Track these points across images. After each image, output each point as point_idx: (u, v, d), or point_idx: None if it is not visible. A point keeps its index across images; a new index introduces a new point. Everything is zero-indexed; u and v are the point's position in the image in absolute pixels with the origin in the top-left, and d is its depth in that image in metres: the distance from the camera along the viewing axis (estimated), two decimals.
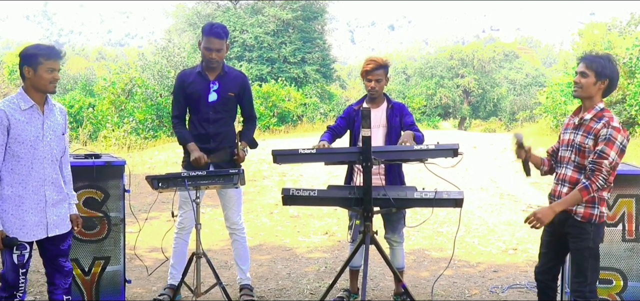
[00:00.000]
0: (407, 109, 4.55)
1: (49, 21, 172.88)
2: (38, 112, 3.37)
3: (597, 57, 3.40)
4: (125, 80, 20.04)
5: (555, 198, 3.48)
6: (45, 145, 3.38)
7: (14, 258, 3.31)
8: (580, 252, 3.39)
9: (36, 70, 3.30)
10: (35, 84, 3.33)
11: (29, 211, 3.34)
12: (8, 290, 3.35)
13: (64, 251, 3.55)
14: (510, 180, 11.15)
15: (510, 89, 44.92)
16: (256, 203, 9.01)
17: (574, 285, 3.42)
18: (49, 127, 3.41)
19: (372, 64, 4.39)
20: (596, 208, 3.37)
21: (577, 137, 3.40)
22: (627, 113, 17.84)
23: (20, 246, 3.31)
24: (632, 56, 17.97)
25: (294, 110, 24.43)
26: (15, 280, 3.33)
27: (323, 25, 33.28)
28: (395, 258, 4.57)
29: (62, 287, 3.56)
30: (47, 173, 3.39)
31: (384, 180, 4.34)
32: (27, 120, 3.32)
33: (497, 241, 6.98)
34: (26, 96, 3.34)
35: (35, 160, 3.33)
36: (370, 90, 4.42)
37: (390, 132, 4.42)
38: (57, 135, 3.45)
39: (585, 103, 3.41)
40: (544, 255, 3.67)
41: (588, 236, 3.36)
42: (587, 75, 3.34)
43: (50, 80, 3.32)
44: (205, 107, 4.45)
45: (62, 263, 3.55)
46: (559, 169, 3.54)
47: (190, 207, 4.36)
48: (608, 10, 62.91)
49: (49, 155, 3.40)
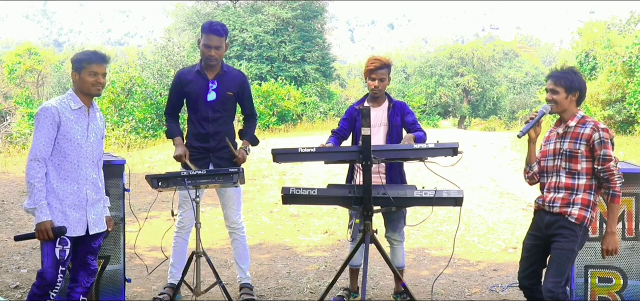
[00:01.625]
0: (408, 108, 4.56)
1: (49, 20, 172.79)
2: (85, 113, 3.55)
3: (563, 72, 3.58)
4: (124, 79, 20.01)
5: (549, 204, 3.54)
6: (89, 146, 3.54)
7: (56, 253, 3.39)
8: (565, 253, 3.44)
9: (80, 73, 3.49)
10: (80, 87, 3.52)
11: (72, 208, 3.46)
12: (44, 288, 3.41)
13: (94, 249, 3.65)
14: (510, 179, 11.15)
15: (510, 88, 44.89)
16: (256, 202, 9.01)
17: (549, 284, 3.44)
18: (93, 129, 3.58)
19: (377, 62, 4.38)
20: (589, 211, 3.47)
21: (564, 144, 3.52)
22: (626, 112, 17.84)
23: (63, 241, 3.40)
24: (631, 54, 17.96)
25: (294, 109, 24.40)
26: (54, 277, 3.40)
27: (323, 24, 33.23)
28: (395, 257, 4.57)
29: (84, 286, 3.64)
30: (89, 173, 3.54)
31: (385, 179, 4.34)
32: (75, 120, 3.49)
33: (496, 240, 6.98)
34: (76, 97, 3.53)
35: (80, 159, 3.48)
36: (373, 89, 4.41)
37: (392, 131, 4.42)
38: (98, 138, 3.63)
39: (564, 116, 3.57)
40: (526, 259, 3.71)
41: (576, 239, 3.45)
42: (557, 91, 3.53)
43: (93, 83, 3.50)
44: (204, 106, 4.45)
45: (90, 261, 3.65)
46: (548, 179, 3.60)
47: (190, 206, 4.36)
48: (608, 9, 62.94)
49: (91, 156, 3.56)
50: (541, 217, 3.61)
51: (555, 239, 3.48)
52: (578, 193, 3.45)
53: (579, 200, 3.45)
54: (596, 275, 4.20)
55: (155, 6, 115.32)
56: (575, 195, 3.46)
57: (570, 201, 3.46)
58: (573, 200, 3.46)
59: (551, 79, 3.56)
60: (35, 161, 3.37)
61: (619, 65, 18.51)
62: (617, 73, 18.69)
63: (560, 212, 3.48)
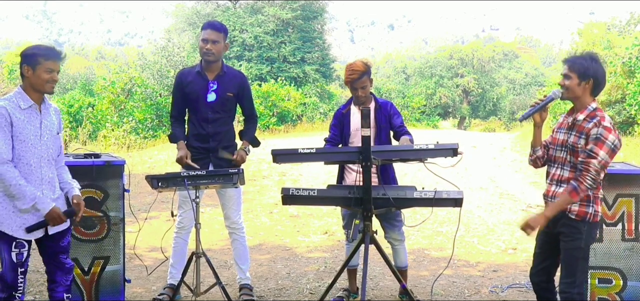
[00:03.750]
0: (394, 108, 4.50)
1: (49, 21, 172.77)
2: (36, 111, 3.38)
3: (579, 57, 3.44)
4: (124, 80, 20.02)
5: (549, 198, 3.49)
6: (43, 145, 3.39)
7: (13, 256, 3.30)
8: (571, 252, 3.37)
9: (35, 69, 3.32)
10: (34, 84, 3.34)
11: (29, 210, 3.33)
12: (7, 291, 3.34)
13: (63, 247, 3.55)
14: (509, 180, 11.15)
15: (510, 89, 44.90)
16: (256, 202, 9.01)
17: (562, 285, 3.40)
18: (46, 126, 3.43)
19: (355, 73, 4.27)
20: (591, 206, 3.36)
21: (570, 137, 3.41)
22: (626, 112, 17.83)
23: (19, 245, 3.31)
24: (631, 55, 17.95)
25: (294, 109, 24.41)
26: (14, 279, 3.32)
27: (323, 24, 33.24)
28: (398, 258, 4.57)
29: (64, 284, 3.56)
30: (45, 172, 3.40)
31: (377, 178, 4.34)
32: (26, 119, 3.33)
33: (496, 240, 6.98)
34: (25, 95, 3.36)
35: (34, 159, 3.34)
36: (358, 98, 4.38)
37: (379, 132, 4.40)
38: (53, 134, 3.47)
39: (576, 104, 3.43)
40: (538, 255, 3.65)
41: (580, 235, 3.35)
42: (570, 77, 3.37)
43: (48, 80, 3.34)
44: (204, 107, 4.45)
45: (63, 260, 3.55)
46: (553, 169, 3.53)
47: (189, 206, 4.36)
48: (607, 10, 62.93)
49: (46, 155, 3.41)
50: None
51: (561, 238, 3.42)
52: None
53: None
54: (596, 275, 4.19)
55: (155, 7, 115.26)
56: None
57: None
58: None
59: (566, 64, 3.41)
60: (3, 165, 3.21)
61: (619, 66, 18.49)
62: (617, 74, 18.67)
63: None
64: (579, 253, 3.36)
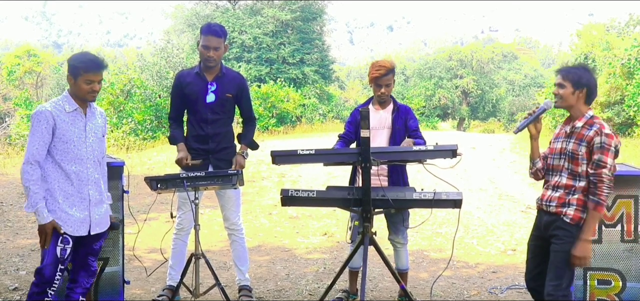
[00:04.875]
0: (412, 113, 4.56)
1: (48, 22, 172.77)
2: (81, 114, 3.53)
3: (573, 67, 3.54)
4: (124, 81, 20.00)
5: (544, 203, 3.54)
6: (88, 147, 3.52)
7: (57, 251, 3.40)
8: (561, 255, 3.40)
9: (76, 80, 3.47)
10: (75, 92, 3.51)
11: (75, 208, 3.46)
12: (42, 286, 3.41)
13: (95, 250, 3.66)
14: (509, 181, 11.15)
15: (509, 90, 44.95)
16: (255, 204, 9.01)
17: (549, 287, 3.42)
18: (91, 129, 3.56)
19: (382, 69, 4.36)
20: (585, 211, 3.39)
21: (569, 145, 3.45)
22: (625, 114, 17.86)
23: (64, 240, 3.41)
24: (630, 57, 17.98)
25: (293, 111, 24.40)
26: (52, 274, 3.40)
27: (322, 26, 33.25)
28: (399, 260, 4.57)
29: (84, 286, 3.65)
30: (90, 173, 3.53)
31: (387, 181, 4.35)
32: (71, 122, 3.47)
33: (496, 242, 6.98)
34: (71, 99, 3.51)
35: (79, 160, 3.47)
36: (380, 95, 4.41)
37: (395, 134, 4.42)
38: (98, 137, 3.62)
39: (572, 113, 3.49)
40: (531, 260, 3.69)
41: (572, 240, 3.38)
42: (564, 86, 3.44)
43: (89, 91, 3.49)
44: (203, 108, 4.45)
45: (91, 262, 3.66)
46: (551, 177, 3.57)
47: (189, 207, 4.36)
48: (606, 11, 62.98)
49: (92, 156, 3.55)
50: (541, 217, 3.59)
51: (552, 240, 3.46)
52: (575, 194, 3.40)
53: (575, 201, 3.40)
54: (595, 277, 4.20)
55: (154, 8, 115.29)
56: (572, 195, 3.41)
57: (566, 201, 3.42)
58: (569, 201, 3.42)
59: (560, 73, 3.49)
60: (28, 164, 3.36)
61: (618, 68, 18.52)
62: (616, 75, 18.71)
63: (556, 211, 3.45)
64: (569, 257, 3.39)
